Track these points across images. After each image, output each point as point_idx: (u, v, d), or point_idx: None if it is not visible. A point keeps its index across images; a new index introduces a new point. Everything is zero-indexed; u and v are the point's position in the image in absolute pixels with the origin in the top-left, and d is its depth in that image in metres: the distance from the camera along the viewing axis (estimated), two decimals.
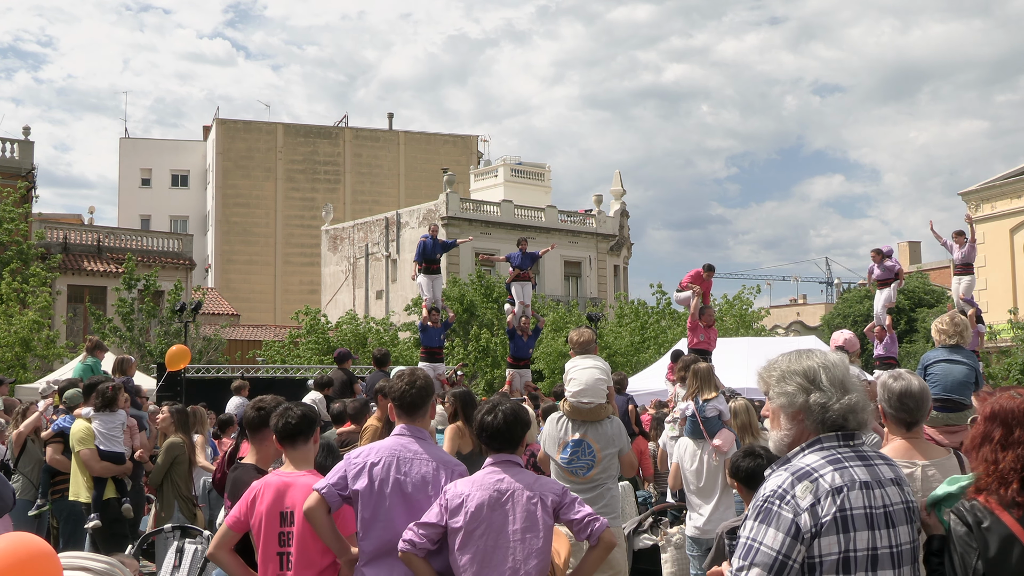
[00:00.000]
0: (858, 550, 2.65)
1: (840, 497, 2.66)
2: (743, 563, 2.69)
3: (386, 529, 4.06)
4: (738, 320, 33.49)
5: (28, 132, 32.49)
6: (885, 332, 16.29)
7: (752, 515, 2.74)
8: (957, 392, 5.65)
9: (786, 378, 2.88)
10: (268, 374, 22.29)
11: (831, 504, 2.66)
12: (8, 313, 25.02)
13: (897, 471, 2.83)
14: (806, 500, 2.66)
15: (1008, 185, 36.02)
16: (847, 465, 2.73)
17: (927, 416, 3.89)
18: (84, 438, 8.03)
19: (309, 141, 59.80)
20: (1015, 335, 29.38)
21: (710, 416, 7.05)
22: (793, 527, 2.65)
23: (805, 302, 64.64)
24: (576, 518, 3.99)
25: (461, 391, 7.18)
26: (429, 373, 16.56)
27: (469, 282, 34.72)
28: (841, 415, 2.80)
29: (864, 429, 2.84)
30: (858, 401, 2.83)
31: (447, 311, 17.29)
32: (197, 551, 6.54)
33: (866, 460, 2.78)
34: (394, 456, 4.18)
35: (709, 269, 15.72)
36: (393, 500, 4.09)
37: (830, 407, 2.79)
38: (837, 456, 2.75)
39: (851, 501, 2.67)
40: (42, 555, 2.12)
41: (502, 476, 4.04)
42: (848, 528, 2.65)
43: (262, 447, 5.04)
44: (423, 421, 4.38)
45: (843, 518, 2.65)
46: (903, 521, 2.74)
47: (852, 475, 2.71)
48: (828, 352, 2.98)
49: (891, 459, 2.89)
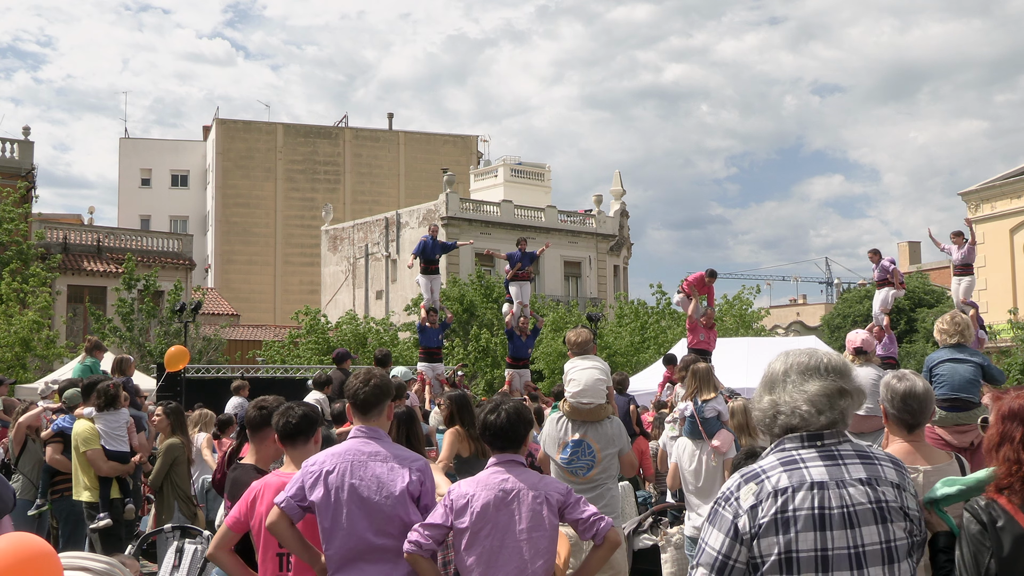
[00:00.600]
0: (802, 551, 2.64)
1: (782, 498, 2.68)
2: (693, 563, 2.81)
3: (349, 536, 3.99)
4: (738, 320, 33.48)
5: (28, 132, 32.50)
6: (883, 332, 16.32)
7: (706, 516, 2.84)
8: (965, 391, 5.63)
9: (760, 387, 2.93)
10: (268, 374, 22.29)
11: (771, 505, 2.68)
12: (8, 313, 25.01)
13: (878, 470, 2.74)
14: (748, 502, 2.71)
15: (1008, 185, 36.01)
16: (802, 466, 2.73)
17: (929, 419, 3.87)
18: (89, 438, 7.98)
19: (309, 141, 59.79)
20: (1015, 335, 29.38)
21: (709, 416, 7.05)
22: (732, 528, 2.71)
23: (805, 302, 64.65)
24: (582, 517, 3.99)
25: (456, 394, 7.13)
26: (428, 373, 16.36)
27: (469, 282, 34.72)
28: (762, 423, 2.84)
29: (841, 425, 2.80)
30: (773, 404, 2.81)
31: (445, 312, 17.30)
32: (197, 551, 6.53)
33: (832, 460, 2.73)
34: (347, 461, 4.07)
35: (712, 275, 15.76)
36: (351, 507, 4.00)
37: (780, 411, 2.81)
38: (793, 457, 2.76)
39: (795, 502, 2.67)
40: (42, 555, 2.12)
41: (506, 476, 4.03)
42: (789, 529, 2.65)
43: (262, 447, 5.04)
44: (379, 420, 4.25)
45: (784, 519, 2.66)
46: (870, 521, 2.67)
47: (803, 476, 2.71)
48: (802, 351, 2.95)
49: (878, 457, 2.79)
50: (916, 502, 2.78)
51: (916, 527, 2.75)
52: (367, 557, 3.99)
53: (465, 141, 62.48)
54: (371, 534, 3.98)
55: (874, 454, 2.80)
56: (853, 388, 2.83)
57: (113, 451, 8.06)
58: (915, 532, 2.75)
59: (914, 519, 2.75)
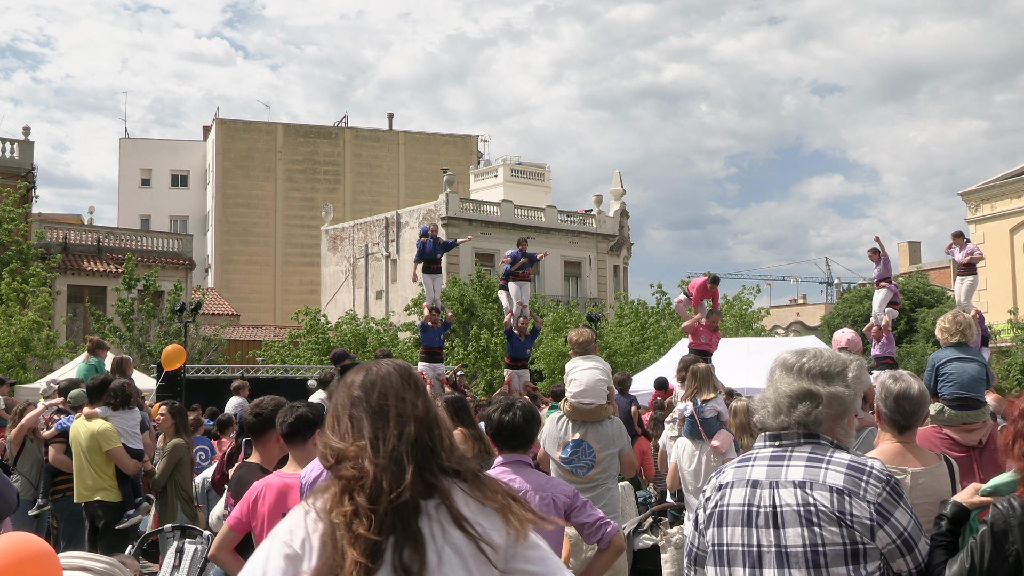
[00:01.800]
0: (730, 544, 2.74)
1: (721, 492, 2.81)
2: (684, 555, 3.03)
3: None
4: (738, 320, 33.49)
5: (28, 132, 32.49)
6: (882, 332, 16.30)
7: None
8: (973, 390, 5.60)
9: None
10: (268, 374, 22.31)
11: (714, 498, 2.83)
12: (8, 313, 24.99)
13: (818, 474, 2.68)
14: (707, 495, 2.88)
15: (1008, 185, 36.02)
16: (752, 464, 2.81)
17: (922, 421, 3.86)
18: (112, 437, 7.89)
19: (309, 141, 59.80)
20: (1015, 335, 29.38)
21: (708, 417, 7.05)
22: (695, 518, 2.91)
23: (805, 302, 64.63)
24: (588, 521, 4.00)
25: (453, 396, 7.11)
26: (428, 373, 16.32)
27: (469, 282, 34.71)
28: (759, 412, 2.89)
29: (762, 424, 2.83)
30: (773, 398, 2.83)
31: (445, 311, 17.29)
32: (197, 551, 6.53)
33: (778, 460, 2.76)
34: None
35: (715, 281, 15.89)
36: None
37: (756, 407, 2.90)
38: (751, 455, 2.85)
39: (730, 497, 2.78)
40: (42, 555, 2.12)
41: (514, 476, 4.04)
42: (722, 523, 2.78)
43: (265, 449, 5.07)
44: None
45: (719, 513, 2.79)
46: (795, 523, 2.65)
47: (746, 472, 2.79)
48: (796, 350, 2.95)
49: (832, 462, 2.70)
50: (873, 508, 2.65)
51: (862, 534, 2.64)
52: None
53: (465, 141, 62.49)
54: None
55: (830, 457, 2.73)
56: (827, 393, 2.78)
57: (132, 449, 8.05)
58: (858, 539, 2.63)
59: (856, 525, 2.63)
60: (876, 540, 2.66)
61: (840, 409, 2.82)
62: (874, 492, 2.67)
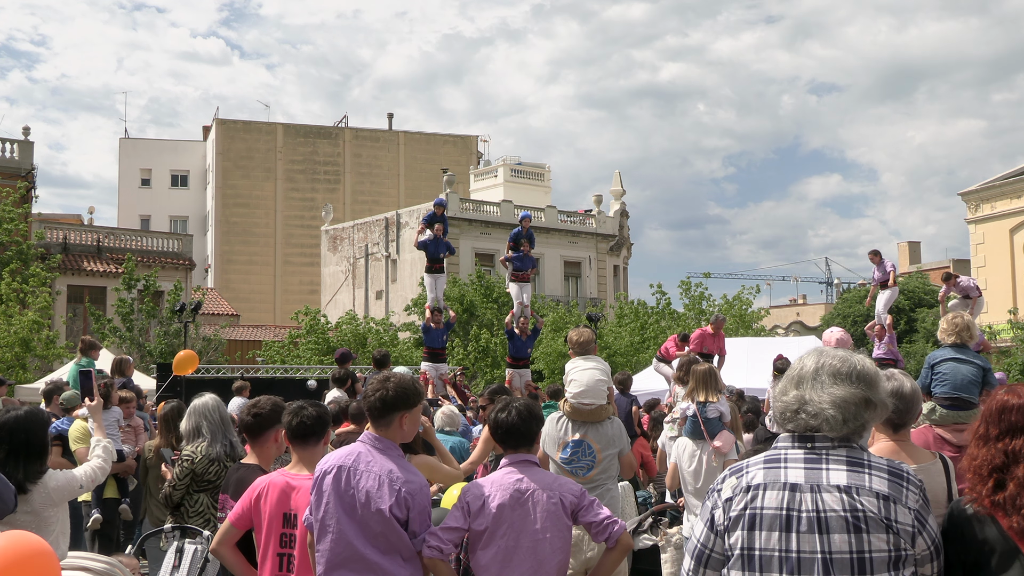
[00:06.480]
0: (764, 549, 2.65)
1: (751, 494, 2.70)
2: (686, 555, 2.88)
3: (337, 541, 3.86)
4: (738, 320, 33.48)
5: (28, 132, 32.51)
6: (885, 331, 16.33)
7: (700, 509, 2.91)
8: (965, 391, 5.63)
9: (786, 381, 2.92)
10: (268, 374, 22.28)
11: (741, 500, 2.72)
12: (8, 313, 25.00)
13: (863, 479, 2.66)
14: (725, 494, 2.77)
15: (1008, 185, 36.02)
16: (783, 466, 2.73)
17: (916, 419, 3.87)
18: (80, 436, 7.98)
19: (309, 141, 59.82)
20: (1015, 335, 29.38)
21: (711, 417, 7.04)
22: (710, 519, 2.79)
23: (805, 302, 64.67)
24: (596, 520, 3.98)
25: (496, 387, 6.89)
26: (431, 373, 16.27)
27: (469, 282, 34.72)
28: (783, 416, 2.82)
29: (828, 431, 2.73)
30: (799, 400, 2.77)
31: (447, 311, 17.31)
32: (197, 551, 6.52)
33: (815, 464, 2.70)
34: (347, 467, 3.92)
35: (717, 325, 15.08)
36: (339, 513, 3.87)
37: (806, 410, 2.77)
38: (779, 456, 2.76)
39: (764, 500, 2.68)
40: (41, 554, 2.12)
41: (520, 476, 4.03)
42: (755, 526, 2.68)
43: (263, 450, 5.06)
44: (387, 431, 4.01)
45: (751, 516, 2.69)
46: (842, 529, 2.61)
47: (779, 475, 2.71)
48: (837, 354, 2.90)
49: (872, 466, 2.70)
50: (914, 515, 2.66)
51: (906, 541, 2.63)
52: (350, 565, 3.84)
53: (465, 141, 62.51)
54: (359, 542, 3.84)
55: (869, 461, 2.72)
56: (879, 400, 2.78)
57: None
58: (903, 546, 2.63)
59: (902, 532, 2.63)
60: (915, 546, 2.66)
61: (882, 416, 2.84)
62: (914, 498, 2.68)
